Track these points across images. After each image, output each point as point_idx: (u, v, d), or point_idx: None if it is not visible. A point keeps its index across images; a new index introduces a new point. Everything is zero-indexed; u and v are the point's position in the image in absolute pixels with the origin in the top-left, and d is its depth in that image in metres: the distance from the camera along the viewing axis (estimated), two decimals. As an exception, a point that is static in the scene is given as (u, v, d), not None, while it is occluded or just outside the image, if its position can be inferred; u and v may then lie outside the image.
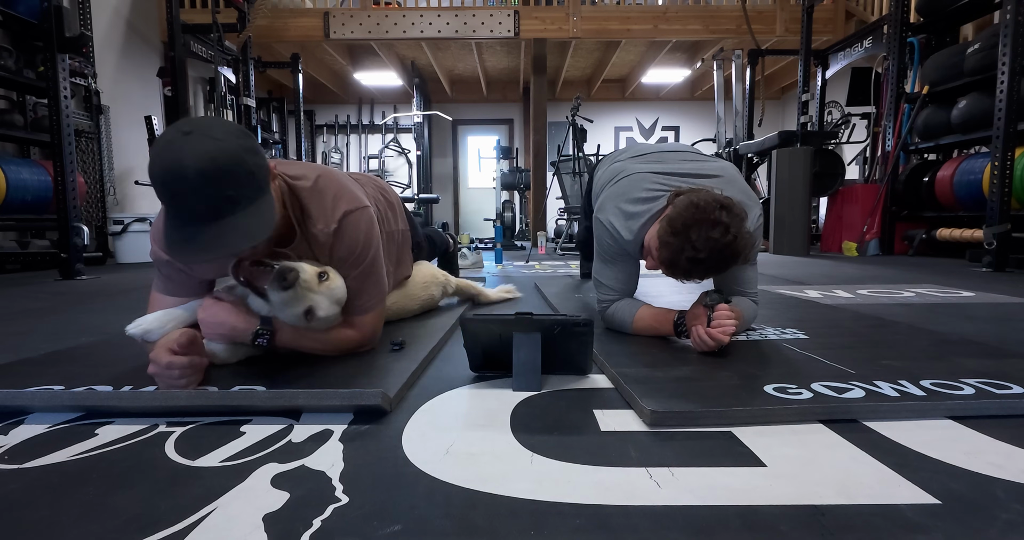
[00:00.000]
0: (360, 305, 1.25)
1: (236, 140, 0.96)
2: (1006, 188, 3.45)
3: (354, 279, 1.23)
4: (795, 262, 4.26)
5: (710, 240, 1.17)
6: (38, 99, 4.43)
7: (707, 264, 1.20)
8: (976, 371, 1.12)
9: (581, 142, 5.66)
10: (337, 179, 1.24)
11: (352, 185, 1.29)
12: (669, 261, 1.24)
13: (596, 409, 0.98)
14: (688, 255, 1.19)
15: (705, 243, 1.18)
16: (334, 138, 9.52)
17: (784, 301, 2.15)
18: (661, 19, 6.39)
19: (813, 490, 0.68)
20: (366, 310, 1.27)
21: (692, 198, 1.24)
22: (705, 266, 1.21)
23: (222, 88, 5.56)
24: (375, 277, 1.27)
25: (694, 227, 1.18)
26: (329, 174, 1.25)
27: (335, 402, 0.94)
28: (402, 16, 6.38)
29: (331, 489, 0.69)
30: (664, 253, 1.24)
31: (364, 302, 1.26)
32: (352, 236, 1.20)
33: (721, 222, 1.18)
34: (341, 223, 1.19)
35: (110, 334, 1.64)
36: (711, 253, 1.18)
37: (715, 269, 1.24)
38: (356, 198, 1.24)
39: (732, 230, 1.18)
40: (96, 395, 1.00)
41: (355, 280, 1.23)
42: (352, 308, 1.25)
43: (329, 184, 1.21)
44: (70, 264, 3.37)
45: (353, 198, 1.23)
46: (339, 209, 1.19)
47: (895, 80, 4.89)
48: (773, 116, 8.63)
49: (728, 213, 1.19)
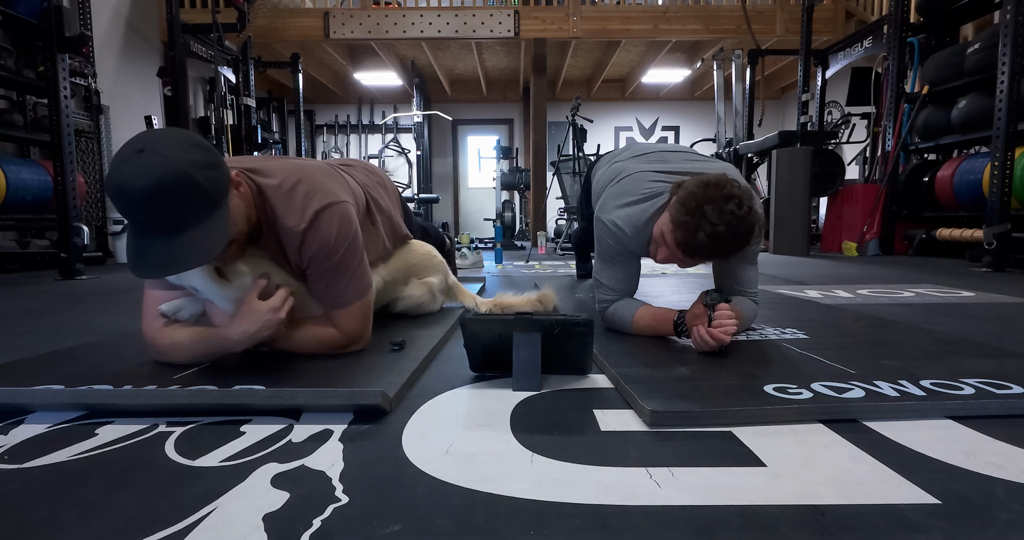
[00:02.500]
0: (337, 299, 1.25)
1: (186, 156, 0.97)
2: (1006, 188, 3.46)
3: (328, 273, 1.22)
4: (795, 262, 4.26)
5: (726, 213, 1.17)
6: (38, 99, 4.42)
7: (726, 238, 1.19)
8: (976, 371, 1.12)
9: (581, 142, 5.67)
10: (312, 176, 1.23)
11: (330, 180, 1.27)
12: (686, 242, 1.22)
13: (596, 409, 0.98)
14: (707, 231, 1.19)
15: (721, 217, 1.17)
16: (334, 138, 9.52)
17: (784, 301, 2.15)
18: (661, 19, 6.39)
19: (813, 490, 0.68)
20: (342, 304, 1.25)
21: (700, 179, 1.24)
22: (725, 241, 1.20)
23: (222, 88, 5.56)
24: (352, 271, 1.25)
25: (708, 203, 1.19)
26: (304, 171, 1.24)
27: (335, 402, 0.94)
28: (402, 16, 6.38)
29: (331, 489, 0.69)
30: (680, 234, 1.23)
31: (340, 296, 1.25)
32: (325, 232, 1.19)
33: (734, 196, 1.19)
34: (312, 221, 1.18)
35: (110, 334, 1.63)
36: (729, 227, 1.18)
37: (734, 244, 1.22)
38: (330, 193, 1.22)
39: (746, 203, 1.19)
40: (96, 394, 1.00)
41: (329, 274, 1.22)
42: (331, 301, 1.25)
43: (301, 181, 1.20)
44: (70, 264, 3.37)
45: (327, 193, 1.22)
46: (310, 207, 1.18)
47: (895, 80, 4.89)
48: (773, 116, 8.63)
49: (738, 187, 1.21)
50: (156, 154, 0.94)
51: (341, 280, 1.24)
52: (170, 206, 0.96)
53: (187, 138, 1.01)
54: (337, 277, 1.23)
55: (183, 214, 0.97)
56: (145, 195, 0.93)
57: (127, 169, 0.94)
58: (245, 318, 1.11)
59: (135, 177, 0.93)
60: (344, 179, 1.36)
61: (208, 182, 0.99)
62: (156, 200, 0.94)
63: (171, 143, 0.97)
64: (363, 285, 1.28)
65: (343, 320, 1.26)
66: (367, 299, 1.30)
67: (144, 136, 0.98)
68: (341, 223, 1.21)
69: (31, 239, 4.42)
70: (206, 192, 0.99)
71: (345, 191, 1.29)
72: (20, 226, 4.23)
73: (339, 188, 1.27)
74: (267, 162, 1.26)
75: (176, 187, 0.95)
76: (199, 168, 0.98)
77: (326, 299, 1.25)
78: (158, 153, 0.94)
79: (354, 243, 1.24)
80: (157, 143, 0.96)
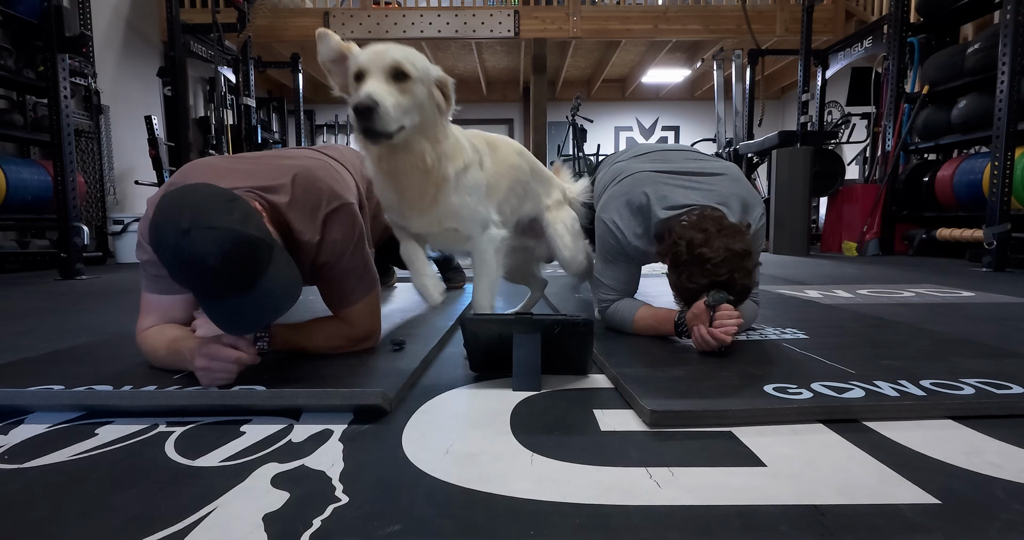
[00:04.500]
0: (347, 298, 1.27)
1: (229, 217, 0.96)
2: (1006, 188, 3.45)
3: (338, 275, 1.24)
4: (795, 262, 4.26)
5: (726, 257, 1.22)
6: (38, 99, 4.43)
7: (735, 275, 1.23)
8: (976, 371, 1.11)
9: (581, 142, 5.68)
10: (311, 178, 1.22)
11: (328, 178, 1.26)
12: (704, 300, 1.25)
13: (596, 409, 0.98)
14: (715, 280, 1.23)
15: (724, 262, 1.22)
16: (334, 138, 9.52)
17: (784, 301, 2.15)
18: (661, 19, 6.39)
19: (813, 490, 0.68)
20: (352, 301, 1.28)
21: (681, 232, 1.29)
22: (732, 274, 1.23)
23: (222, 88, 5.56)
24: (359, 270, 1.26)
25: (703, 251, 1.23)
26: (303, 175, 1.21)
27: (335, 402, 0.94)
28: (402, 16, 6.39)
29: (331, 489, 0.69)
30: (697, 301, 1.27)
31: (349, 295, 1.27)
32: (332, 238, 1.21)
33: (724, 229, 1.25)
34: (323, 229, 1.19)
35: (110, 334, 1.64)
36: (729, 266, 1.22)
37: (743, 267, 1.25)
38: (333, 196, 1.22)
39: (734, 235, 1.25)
40: (96, 394, 1.00)
41: (339, 276, 1.25)
42: (339, 301, 1.27)
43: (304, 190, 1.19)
44: (70, 264, 3.37)
45: (331, 197, 1.21)
46: (318, 217, 1.19)
47: (895, 80, 4.89)
48: (773, 116, 8.63)
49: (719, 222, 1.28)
50: (208, 229, 0.92)
51: (349, 279, 1.26)
52: (246, 268, 0.96)
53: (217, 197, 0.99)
54: (346, 277, 1.25)
55: (257, 269, 0.97)
56: (220, 271, 0.92)
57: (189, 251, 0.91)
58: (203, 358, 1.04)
59: (204, 258, 0.91)
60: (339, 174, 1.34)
61: (257, 231, 0.99)
62: (231, 270, 0.94)
63: (212, 209, 0.96)
64: (370, 282, 1.30)
65: (354, 318, 1.28)
66: (375, 294, 1.32)
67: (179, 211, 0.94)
68: (346, 226, 1.22)
69: (31, 239, 4.42)
70: (261, 240, 0.98)
71: (344, 188, 1.29)
72: (20, 226, 4.24)
73: (338, 187, 1.27)
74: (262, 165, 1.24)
75: (244, 252, 0.95)
76: (245, 223, 0.97)
77: (336, 298, 1.27)
78: (209, 228, 0.92)
79: (360, 242, 1.26)
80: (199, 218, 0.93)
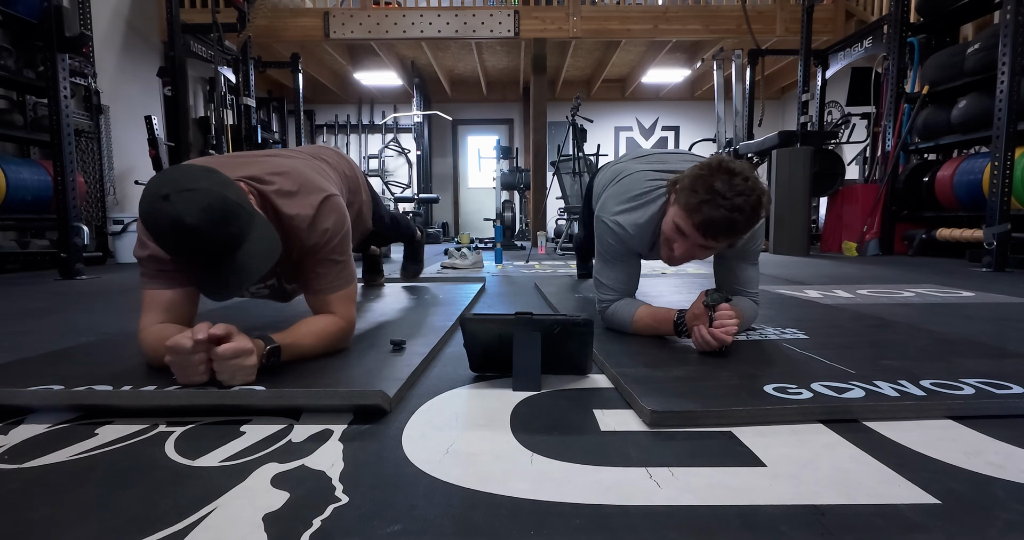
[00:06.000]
0: (332, 284, 1.31)
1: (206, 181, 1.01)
2: (1006, 188, 3.45)
3: (325, 261, 1.28)
4: (795, 262, 4.26)
5: (736, 186, 1.19)
6: (38, 99, 4.42)
7: (744, 208, 1.20)
8: (976, 371, 1.11)
9: (581, 142, 5.66)
10: (301, 174, 1.29)
11: (317, 175, 1.34)
12: (706, 222, 1.22)
13: (596, 409, 0.98)
14: (725, 206, 1.19)
15: (733, 188, 1.19)
16: (334, 138, 9.52)
17: (784, 301, 2.15)
18: (661, 19, 6.39)
19: (813, 490, 0.68)
20: (336, 288, 1.31)
21: (698, 165, 1.27)
22: (743, 211, 1.20)
23: (222, 88, 5.55)
24: (344, 259, 1.32)
25: (716, 181, 1.20)
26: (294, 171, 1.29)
27: (335, 402, 0.94)
28: (402, 16, 6.38)
29: (331, 489, 0.69)
30: (698, 216, 1.22)
31: (334, 281, 1.31)
32: (325, 223, 1.26)
33: (737, 171, 1.22)
34: (317, 211, 1.25)
35: (110, 334, 1.64)
36: (743, 197, 1.19)
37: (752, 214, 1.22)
38: (323, 188, 1.29)
39: (749, 175, 1.22)
40: (96, 394, 1.00)
41: (326, 262, 1.29)
42: (325, 288, 1.30)
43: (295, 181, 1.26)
44: (70, 264, 3.37)
45: (321, 188, 1.29)
46: (313, 200, 1.25)
47: (895, 80, 4.89)
48: (773, 116, 8.62)
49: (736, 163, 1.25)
50: (186, 191, 0.98)
51: (335, 267, 1.31)
52: (223, 228, 1.00)
53: (198, 169, 1.06)
54: (333, 264, 1.30)
55: (236, 231, 1.03)
56: (198, 229, 0.97)
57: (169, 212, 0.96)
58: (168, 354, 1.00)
59: (181, 217, 0.96)
60: (327, 174, 1.43)
61: (237, 197, 1.05)
62: (209, 228, 0.98)
63: (191, 177, 1.02)
64: (352, 272, 1.36)
65: (338, 305, 1.31)
66: (354, 287, 1.37)
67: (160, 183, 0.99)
68: (337, 214, 1.29)
69: (31, 239, 4.42)
70: (241, 206, 1.04)
71: (331, 184, 1.36)
72: (20, 226, 4.23)
73: (326, 183, 1.34)
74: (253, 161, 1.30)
75: (221, 210, 1.00)
76: (223, 187, 1.03)
77: (321, 285, 1.31)
78: (188, 190, 0.98)
79: (346, 236, 1.32)
80: (178, 183, 0.99)
